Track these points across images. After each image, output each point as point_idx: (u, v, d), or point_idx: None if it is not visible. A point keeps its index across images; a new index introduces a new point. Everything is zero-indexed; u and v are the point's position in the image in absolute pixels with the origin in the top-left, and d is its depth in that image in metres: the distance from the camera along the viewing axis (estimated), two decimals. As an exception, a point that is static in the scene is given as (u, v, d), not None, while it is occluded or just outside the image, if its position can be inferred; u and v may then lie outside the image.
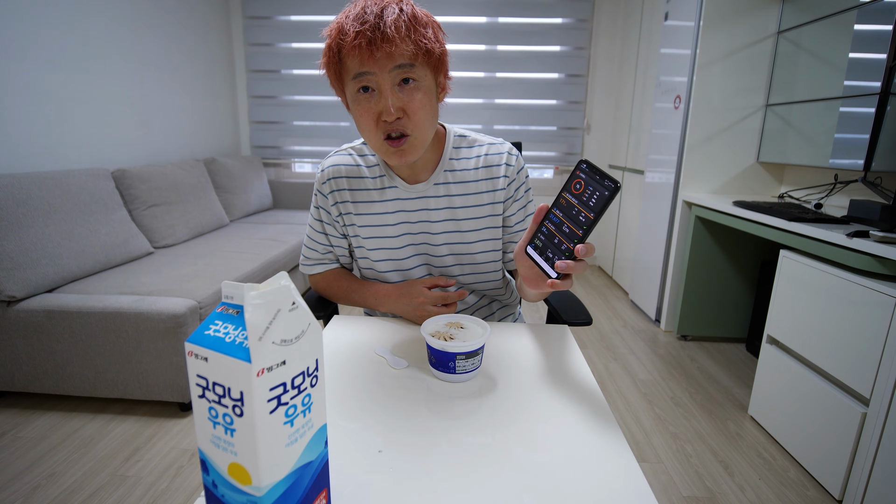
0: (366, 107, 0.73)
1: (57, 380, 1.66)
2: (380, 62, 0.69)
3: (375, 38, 0.67)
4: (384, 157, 0.79)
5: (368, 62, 0.69)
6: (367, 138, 0.77)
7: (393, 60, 0.69)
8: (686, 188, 2.35)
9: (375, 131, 0.74)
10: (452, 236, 0.89)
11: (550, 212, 0.62)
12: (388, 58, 0.69)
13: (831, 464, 1.33)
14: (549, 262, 0.60)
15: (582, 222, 0.57)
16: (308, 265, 0.98)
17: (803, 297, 1.48)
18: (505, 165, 0.88)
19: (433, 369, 0.68)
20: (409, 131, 0.74)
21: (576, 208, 0.58)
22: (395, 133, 0.74)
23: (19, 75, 1.92)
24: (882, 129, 1.53)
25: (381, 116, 0.72)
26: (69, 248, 1.80)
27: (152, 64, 2.71)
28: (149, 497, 1.29)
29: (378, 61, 0.69)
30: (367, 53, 0.68)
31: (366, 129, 0.75)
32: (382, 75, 0.70)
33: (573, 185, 0.59)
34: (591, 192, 0.57)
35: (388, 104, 0.71)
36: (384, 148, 0.76)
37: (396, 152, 0.76)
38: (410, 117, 0.73)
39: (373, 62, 0.69)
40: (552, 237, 0.61)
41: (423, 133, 0.76)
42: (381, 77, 0.70)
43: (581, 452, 0.52)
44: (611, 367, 2.10)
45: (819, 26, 1.91)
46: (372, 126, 0.74)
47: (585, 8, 3.44)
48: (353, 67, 0.71)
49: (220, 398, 0.35)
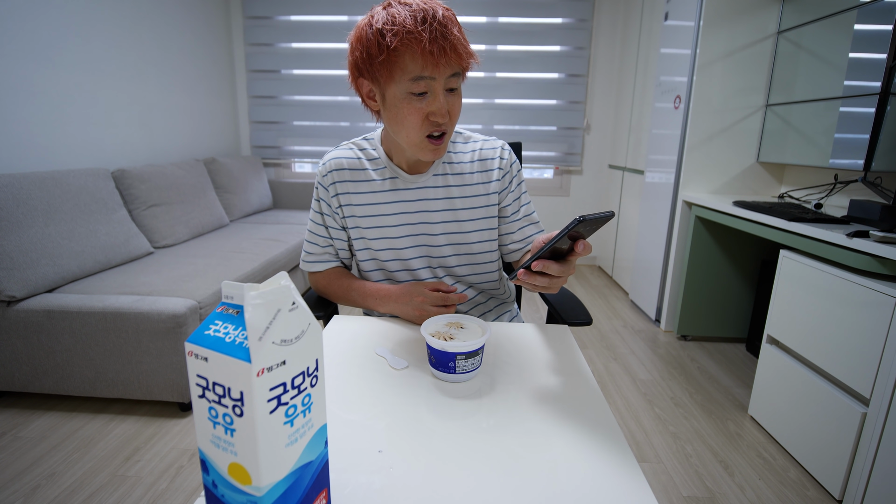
0: (417, 106, 0.77)
1: (57, 380, 1.66)
2: (442, 69, 0.75)
3: (446, 48, 0.73)
4: (419, 153, 0.83)
5: (432, 67, 0.74)
6: (406, 133, 0.81)
7: (452, 69, 0.76)
8: (686, 188, 2.35)
9: (420, 128, 0.79)
10: (450, 226, 0.93)
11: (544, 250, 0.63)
12: (450, 67, 0.76)
13: (831, 464, 1.33)
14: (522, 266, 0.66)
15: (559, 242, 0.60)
16: (309, 262, 0.99)
17: (803, 297, 1.48)
18: (498, 159, 0.94)
19: (433, 369, 0.68)
20: (447, 130, 0.82)
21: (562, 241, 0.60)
22: (437, 133, 0.80)
23: (19, 75, 1.91)
24: (882, 129, 1.53)
25: (429, 116, 0.78)
26: (69, 248, 1.80)
27: (152, 64, 2.71)
28: (149, 497, 1.29)
29: (441, 68, 0.74)
30: (436, 60, 0.73)
31: (410, 125, 0.79)
32: (440, 80, 0.76)
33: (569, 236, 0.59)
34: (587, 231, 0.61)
35: (443, 108, 0.77)
36: (423, 144, 0.81)
37: (435, 149, 0.82)
38: (451, 119, 0.81)
39: (436, 69, 0.74)
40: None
41: (452, 132, 0.86)
42: (439, 82, 0.76)
43: (581, 452, 0.52)
44: (611, 367, 2.10)
45: (819, 26, 1.91)
46: (418, 124, 0.79)
47: (585, 8, 3.44)
48: (413, 69, 0.74)
49: (220, 398, 0.35)
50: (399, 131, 0.81)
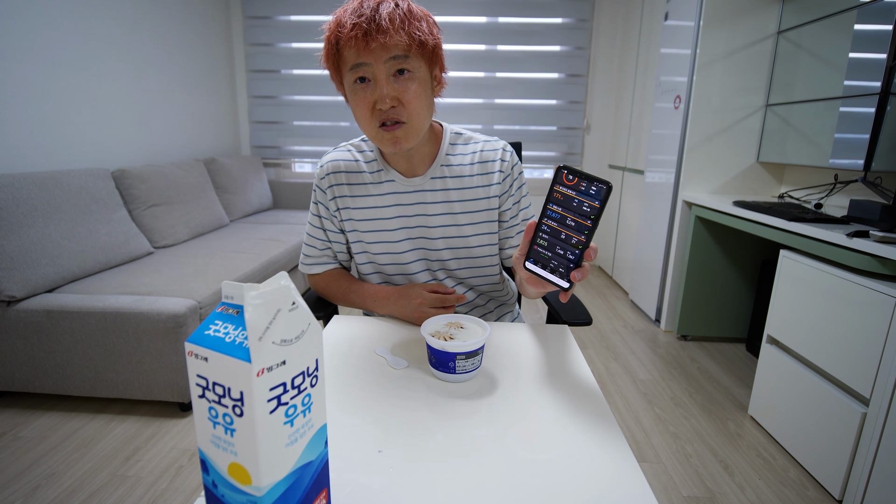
0: (362, 96, 0.76)
1: (57, 380, 1.66)
2: (375, 53, 0.72)
3: (371, 30, 0.70)
4: (379, 145, 0.81)
5: (364, 53, 0.72)
6: (363, 127, 0.80)
7: (388, 51, 0.72)
8: (686, 188, 2.35)
9: (371, 119, 0.77)
10: (449, 230, 0.91)
11: (542, 223, 0.60)
12: (383, 49, 0.72)
13: (831, 464, 1.33)
14: (558, 274, 0.60)
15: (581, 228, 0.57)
16: (307, 264, 0.99)
17: (803, 297, 1.48)
18: (500, 161, 0.91)
19: (433, 369, 0.68)
20: (403, 119, 0.77)
21: (569, 217, 0.57)
22: (389, 121, 0.77)
23: (19, 75, 1.91)
24: (882, 129, 1.53)
25: (376, 105, 0.75)
26: (69, 248, 1.80)
27: (152, 64, 2.71)
28: (149, 497, 1.29)
29: (373, 52, 0.72)
30: (362, 44, 0.71)
31: (362, 117, 0.78)
32: (378, 66, 0.73)
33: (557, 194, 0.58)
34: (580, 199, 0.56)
35: (382, 93, 0.74)
36: (379, 135, 0.78)
37: (391, 138, 0.78)
38: (405, 106, 0.76)
39: (368, 53, 0.72)
40: (553, 247, 0.60)
41: (418, 121, 0.78)
42: (377, 67, 0.73)
43: (581, 452, 0.52)
44: (611, 367, 2.10)
45: (819, 26, 1.91)
46: (367, 114, 0.77)
47: (585, 8, 3.44)
48: (350, 59, 0.74)
49: (220, 398, 0.35)
50: (360, 126, 0.80)
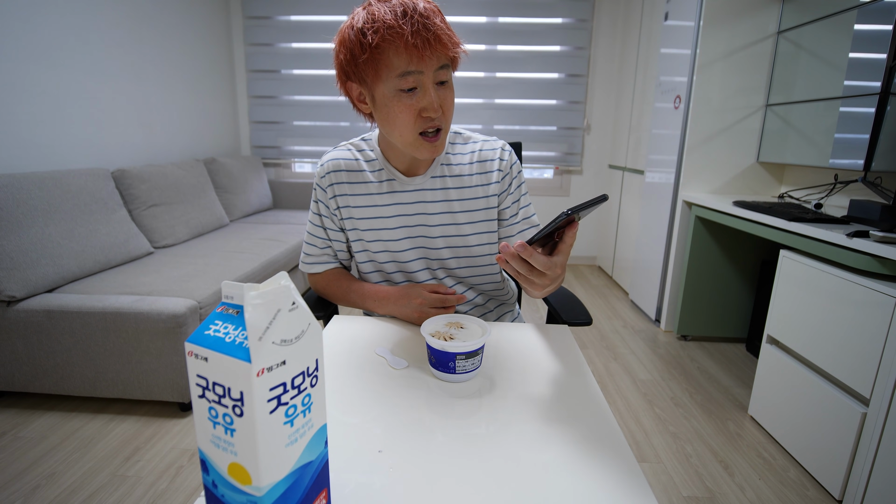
0: (407, 103, 0.75)
1: (57, 380, 1.66)
2: (428, 62, 0.73)
3: (430, 40, 0.71)
4: (414, 151, 0.81)
5: (418, 61, 0.72)
6: (400, 132, 0.79)
7: (439, 61, 0.74)
8: (686, 188, 2.35)
9: (413, 126, 0.77)
10: (449, 229, 0.91)
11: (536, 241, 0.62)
12: (436, 58, 0.73)
13: (831, 464, 1.33)
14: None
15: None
16: (308, 263, 0.99)
17: (803, 297, 1.48)
18: (498, 160, 0.92)
19: (433, 369, 0.68)
20: (441, 126, 0.79)
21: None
22: (431, 129, 0.78)
23: (19, 75, 1.91)
24: (882, 129, 1.53)
25: (421, 113, 0.76)
26: (69, 248, 1.80)
27: (152, 64, 2.71)
28: (149, 497, 1.29)
29: (427, 61, 0.72)
30: (421, 53, 0.71)
31: (403, 123, 0.77)
32: (429, 74, 0.74)
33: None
34: None
35: (433, 102, 0.75)
36: (418, 142, 0.79)
37: (431, 147, 0.80)
38: (445, 114, 0.78)
39: (422, 61, 0.72)
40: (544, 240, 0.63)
41: (449, 128, 0.83)
42: (427, 76, 0.74)
43: (581, 452, 0.52)
44: (611, 367, 2.10)
45: (819, 26, 1.91)
46: (411, 121, 0.77)
47: (585, 8, 3.44)
48: (398, 65, 0.73)
49: (220, 398, 0.35)
50: (392, 131, 0.79)
